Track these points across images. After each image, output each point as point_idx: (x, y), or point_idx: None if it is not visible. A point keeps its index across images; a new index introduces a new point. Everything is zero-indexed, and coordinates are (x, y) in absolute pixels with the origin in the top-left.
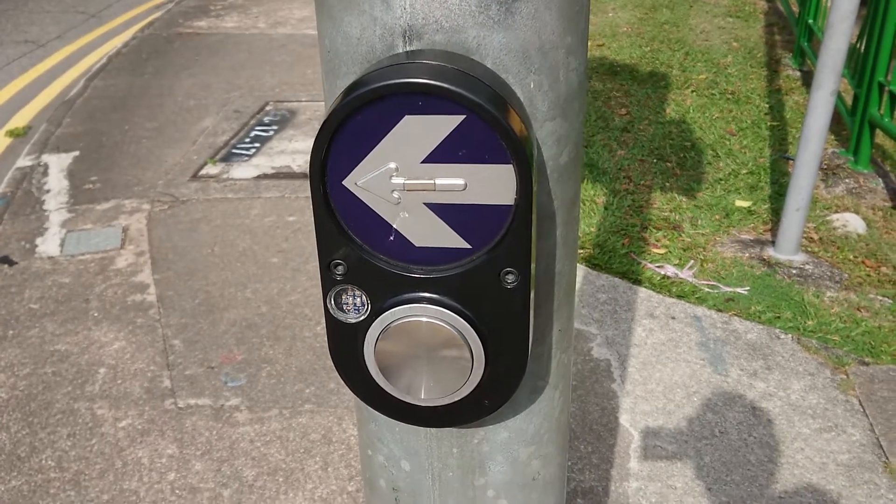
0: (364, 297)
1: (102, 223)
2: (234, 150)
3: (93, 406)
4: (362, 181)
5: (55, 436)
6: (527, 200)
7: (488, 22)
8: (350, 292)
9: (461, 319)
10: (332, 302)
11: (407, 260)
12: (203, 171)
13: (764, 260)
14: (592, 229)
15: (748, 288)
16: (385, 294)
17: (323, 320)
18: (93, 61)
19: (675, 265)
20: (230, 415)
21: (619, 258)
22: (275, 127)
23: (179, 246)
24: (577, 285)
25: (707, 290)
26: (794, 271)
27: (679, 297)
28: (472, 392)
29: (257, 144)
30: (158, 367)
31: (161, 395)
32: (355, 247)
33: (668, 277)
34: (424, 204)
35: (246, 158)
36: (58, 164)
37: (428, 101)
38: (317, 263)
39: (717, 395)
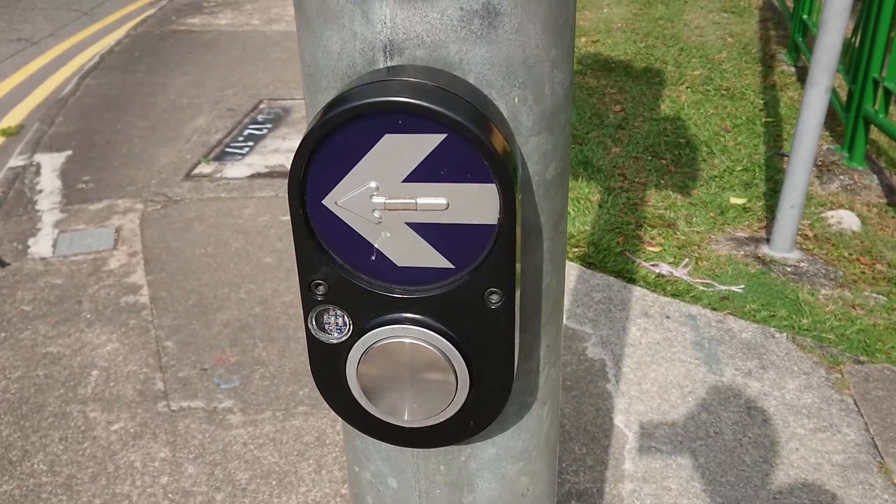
0: (346, 318)
1: (95, 223)
2: (228, 149)
3: (85, 409)
4: (342, 200)
5: (47, 439)
6: (510, 220)
7: (470, 36)
8: (332, 312)
9: (445, 340)
10: (314, 322)
11: (389, 280)
12: (196, 171)
13: (759, 258)
14: (587, 227)
15: (743, 286)
16: (367, 314)
17: None
18: (86, 59)
19: (669, 263)
20: (223, 417)
21: (614, 257)
22: (269, 125)
23: (173, 246)
24: (571, 284)
25: (702, 288)
26: (788, 269)
27: (674, 295)
28: (456, 413)
29: (251, 143)
30: (151, 370)
31: (154, 398)
32: (336, 267)
33: (663, 276)
34: (406, 223)
35: (239, 157)
36: (50, 163)
37: (408, 120)
38: None
39: (711, 395)
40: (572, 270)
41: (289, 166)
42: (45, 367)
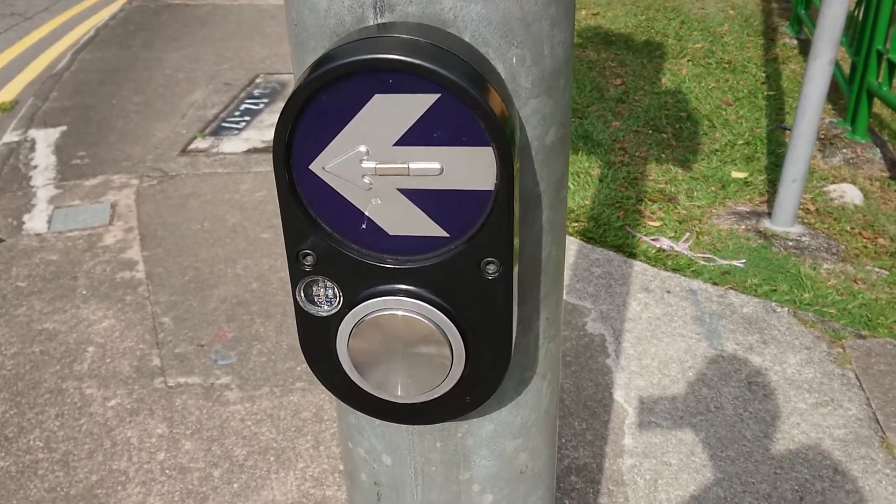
0: (336, 289)
1: (90, 199)
2: (224, 124)
3: (81, 385)
4: (330, 165)
5: (43, 416)
6: (508, 186)
7: None
8: (321, 284)
9: (439, 313)
10: (302, 294)
11: (380, 249)
12: (192, 146)
13: (760, 232)
14: (587, 202)
15: (744, 261)
16: (358, 286)
17: None
18: (80, 34)
19: (670, 238)
20: (220, 393)
21: (614, 231)
22: (265, 100)
23: (168, 222)
24: (571, 259)
25: (703, 263)
26: (790, 243)
27: (674, 270)
28: (452, 389)
29: (247, 118)
30: (148, 346)
31: (150, 374)
32: (325, 236)
33: (664, 250)
34: (398, 190)
35: (236, 132)
36: (45, 139)
37: (399, 79)
38: None
39: (712, 370)
40: (572, 245)
41: None
42: (40, 343)
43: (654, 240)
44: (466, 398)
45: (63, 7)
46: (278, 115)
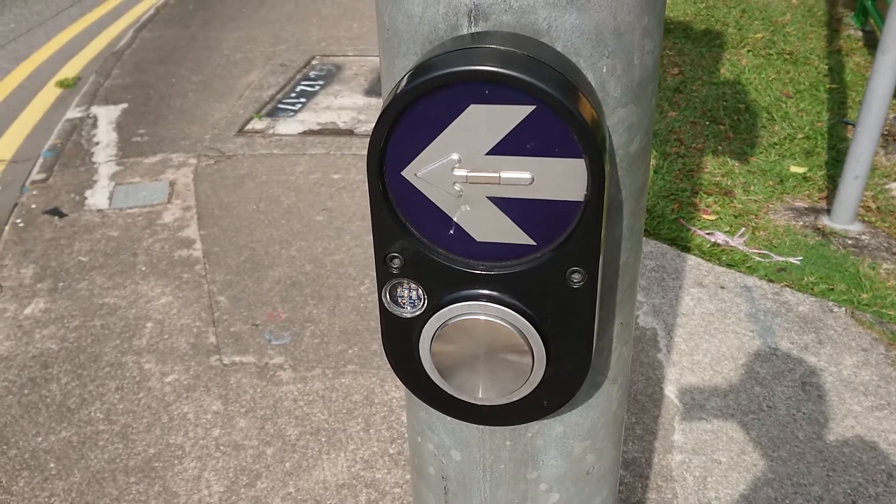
0: (420, 292)
1: (150, 177)
2: (280, 105)
3: (140, 360)
4: (422, 172)
5: (104, 388)
6: (598, 197)
7: (560, 2)
8: (406, 286)
9: (522, 319)
10: (388, 295)
11: (467, 255)
12: (249, 126)
13: (818, 229)
14: None
15: (801, 258)
16: (443, 289)
17: (367, 280)
18: (141, 11)
19: (725, 232)
20: (274, 373)
21: (669, 224)
22: (321, 82)
23: (225, 202)
24: None
25: (758, 259)
26: (849, 241)
27: (729, 265)
28: (530, 393)
29: (303, 100)
30: (204, 324)
31: (206, 352)
32: (413, 240)
33: (719, 245)
34: (488, 198)
35: (292, 114)
36: (106, 115)
37: (495, 90)
38: (361, 223)
39: (765, 369)
40: None
41: (340, 124)
42: (101, 317)
43: (708, 234)
44: (544, 402)
45: None
46: (374, 123)
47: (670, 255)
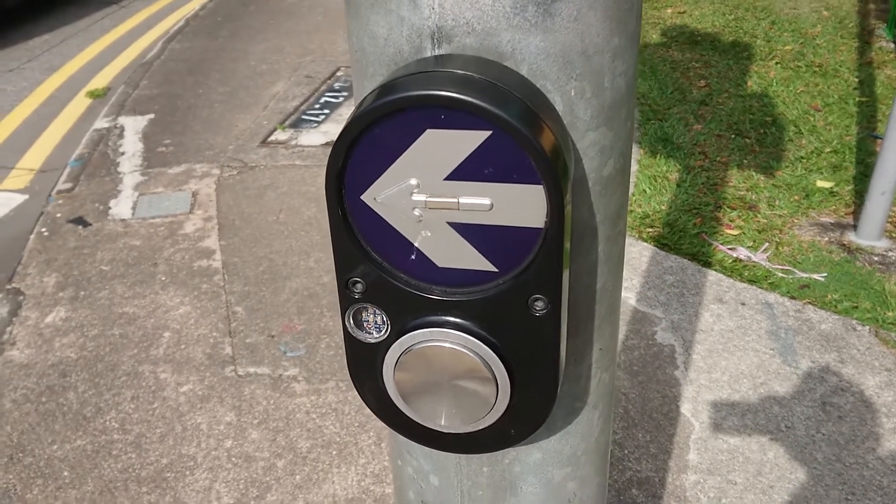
0: (384, 317)
1: (173, 187)
2: (304, 116)
3: (156, 370)
4: (382, 196)
5: (119, 398)
6: (558, 224)
7: (524, 24)
8: (370, 311)
9: (485, 346)
10: (351, 320)
11: (429, 281)
12: (272, 137)
13: (844, 245)
14: (663, 207)
15: (825, 274)
16: (406, 315)
17: None
18: (171, 23)
19: (748, 248)
20: (288, 385)
21: (690, 238)
22: (345, 93)
23: (246, 212)
24: (644, 266)
25: (781, 275)
26: (875, 258)
27: (751, 281)
28: (496, 422)
29: (327, 111)
30: (221, 334)
31: (222, 362)
32: (374, 265)
33: (741, 260)
34: (448, 223)
35: (315, 125)
36: (133, 126)
37: (452, 115)
38: None
39: (785, 388)
40: (645, 252)
41: None
42: (120, 326)
43: (731, 249)
44: (511, 431)
45: None
46: (332, 146)
47: (690, 271)
